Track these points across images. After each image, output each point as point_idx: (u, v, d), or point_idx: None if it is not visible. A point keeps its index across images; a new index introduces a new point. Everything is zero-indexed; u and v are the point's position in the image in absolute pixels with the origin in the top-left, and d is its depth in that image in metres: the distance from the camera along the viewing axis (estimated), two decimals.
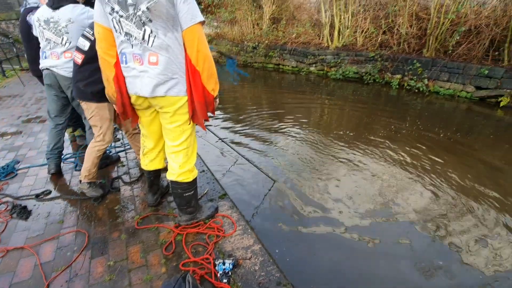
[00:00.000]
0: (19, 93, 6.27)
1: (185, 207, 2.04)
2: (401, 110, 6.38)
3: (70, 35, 2.33)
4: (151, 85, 1.59)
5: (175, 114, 1.71)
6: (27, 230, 2.13)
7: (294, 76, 10.37)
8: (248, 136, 4.83)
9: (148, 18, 1.45)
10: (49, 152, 2.78)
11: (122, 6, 1.45)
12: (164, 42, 1.50)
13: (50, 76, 2.47)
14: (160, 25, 1.47)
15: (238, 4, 12.90)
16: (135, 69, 1.59)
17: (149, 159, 2.10)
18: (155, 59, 1.53)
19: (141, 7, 1.43)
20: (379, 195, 3.16)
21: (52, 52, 2.40)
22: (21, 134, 3.95)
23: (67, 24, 2.29)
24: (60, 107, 2.69)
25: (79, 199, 2.46)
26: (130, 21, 1.47)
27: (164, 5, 1.42)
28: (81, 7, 2.35)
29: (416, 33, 8.22)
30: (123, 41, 1.55)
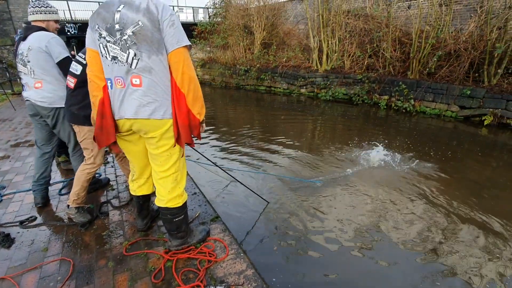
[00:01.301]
0: (9, 117, 6.21)
1: (175, 232, 1.97)
2: (390, 130, 6.54)
3: (32, 63, 2.28)
4: (134, 106, 1.57)
5: (161, 139, 1.67)
6: (9, 259, 2.03)
7: (285, 97, 10.61)
8: (240, 157, 4.83)
9: (133, 41, 1.49)
10: (35, 183, 2.60)
11: (110, 31, 1.51)
12: (148, 64, 1.52)
13: (30, 106, 2.43)
14: (145, 48, 1.50)
15: (230, 31, 13.40)
16: (119, 93, 1.59)
17: (138, 184, 2.06)
18: (138, 81, 1.55)
19: (127, 32, 1.48)
20: (372, 216, 3.15)
21: (26, 83, 2.39)
22: (9, 159, 3.86)
23: (27, 52, 2.26)
24: (46, 136, 2.59)
25: (66, 225, 2.38)
26: (117, 45, 1.51)
27: (149, 29, 1.48)
28: (42, 33, 2.28)
29: (400, 56, 8.62)
30: (109, 65, 1.57)
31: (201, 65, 14.85)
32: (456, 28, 8.00)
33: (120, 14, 1.49)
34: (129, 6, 1.50)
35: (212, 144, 5.59)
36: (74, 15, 16.33)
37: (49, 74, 2.35)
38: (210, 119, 7.59)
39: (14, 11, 13.01)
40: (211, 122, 7.30)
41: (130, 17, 1.48)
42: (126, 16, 1.49)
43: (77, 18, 16.44)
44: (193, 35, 15.22)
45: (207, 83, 14.54)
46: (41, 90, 2.37)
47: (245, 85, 12.69)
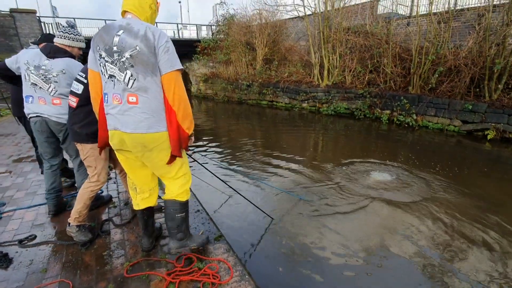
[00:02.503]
0: (12, 131, 6.24)
1: (176, 231, 2.07)
2: (393, 144, 6.51)
3: (58, 84, 2.40)
4: (133, 122, 1.70)
5: (161, 150, 1.80)
6: (6, 280, 1.96)
7: (287, 112, 10.67)
8: (244, 172, 4.79)
9: (131, 64, 1.63)
10: (47, 193, 2.71)
11: (108, 53, 1.65)
12: (143, 84, 1.66)
13: (41, 122, 2.47)
14: (141, 70, 1.64)
15: (233, 47, 13.68)
16: (115, 108, 1.71)
17: (141, 197, 2.07)
18: (135, 99, 1.68)
19: (125, 54, 1.63)
20: (377, 234, 3.07)
21: (39, 97, 2.43)
22: (10, 174, 3.84)
23: (58, 74, 2.37)
24: (54, 149, 2.65)
25: (66, 244, 2.32)
26: (114, 65, 1.65)
27: (146, 54, 1.62)
28: (76, 62, 2.46)
29: (401, 72, 8.73)
30: (107, 82, 1.70)
31: (203, 80, 15.07)
32: (456, 45, 8.13)
33: (119, 38, 1.64)
34: (128, 32, 1.64)
35: (214, 158, 5.56)
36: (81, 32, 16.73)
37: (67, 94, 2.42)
38: (212, 133, 7.61)
39: (21, 27, 13.36)
40: (213, 136, 7.30)
41: (129, 42, 1.62)
42: (125, 41, 1.63)
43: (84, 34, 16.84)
44: (196, 51, 15.53)
45: (210, 97, 14.70)
46: (59, 107, 2.44)
47: (247, 99, 12.81)
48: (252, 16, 13.73)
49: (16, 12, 13.42)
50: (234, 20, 14.75)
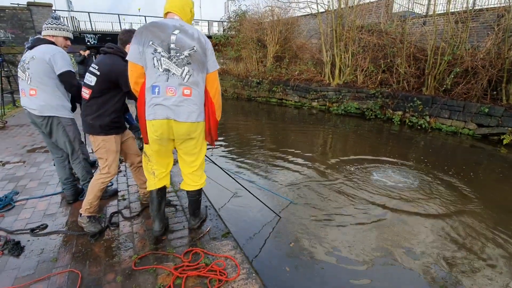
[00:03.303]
0: (26, 122, 6.36)
1: (198, 211, 2.42)
2: (405, 146, 6.38)
3: (31, 71, 2.33)
4: (186, 112, 1.91)
5: (199, 138, 2.06)
6: (17, 268, 2.00)
7: (297, 110, 10.58)
8: (252, 170, 4.77)
9: (188, 61, 1.87)
10: (63, 184, 2.78)
11: (165, 49, 1.83)
12: (197, 79, 1.91)
13: (28, 115, 2.47)
14: (196, 67, 1.89)
15: (244, 44, 13.62)
16: (169, 99, 1.87)
17: (158, 178, 2.21)
18: (189, 92, 1.90)
19: (184, 52, 1.85)
20: (385, 237, 3.01)
21: (22, 89, 2.43)
22: (24, 164, 3.92)
23: (29, 60, 2.34)
24: (51, 142, 2.63)
25: (76, 234, 2.35)
26: (170, 61, 1.84)
27: (200, 54, 1.90)
28: (50, 46, 2.37)
29: (415, 72, 8.53)
30: (160, 75, 1.85)
31: None
32: (473, 45, 7.89)
33: (176, 37, 1.83)
34: (185, 33, 1.86)
35: (223, 156, 5.56)
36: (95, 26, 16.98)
37: (45, 83, 2.38)
38: (220, 129, 7.61)
39: (37, 20, 13.60)
40: (222, 132, 7.31)
41: (188, 42, 1.85)
42: (184, 40, 1.84)
43: (97, 29, 17.08)
44: None
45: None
46: (34, 98, 2.39)
47: (256, 97, 12.77)
48: (264, 13, 13.65)
49: (33, 5, 13.68)
50: (246, 16, 14.68)
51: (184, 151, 2.10)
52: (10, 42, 12.82)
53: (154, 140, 1.99)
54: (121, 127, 2.37)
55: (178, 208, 2.80)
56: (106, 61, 2.17)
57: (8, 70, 8.20)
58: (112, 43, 2.32)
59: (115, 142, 2.32)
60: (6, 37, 13.10)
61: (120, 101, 2.29)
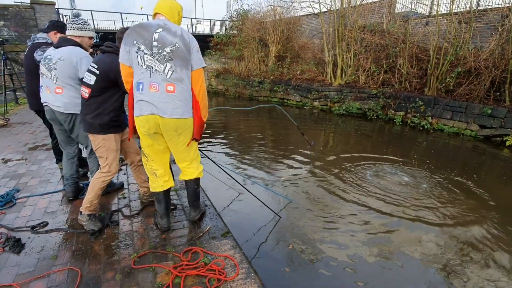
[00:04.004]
0: (29, 120, 6.40)
1: (197, 202, 2.45)
2: (407, 147, 6.36)
3: (58, 71, 2.39)
4: (170, 108, 1.91)
5: (187, 134, 2.07)
6: (18, 265, 2.01)
7: (298, 110, 10.56)
8: (252, 169, 4.77)
9: (170, 57, 1.88)
10: (66, 181, 2.82)
11: (148, 46, 1.87)
12: (180, 76, 1.92)
13: (49, 111, 2.53)
14: (179, 63, 1.90)
15: (246, 43, 13.60)
16: (152, 95, 1.89)
17: (163, 179, 2.27)
18: (172, 88, 1.91)
19: (166, 49, 1.87)
20: (387, 239, 3.01)
21: (47, 86, 2.48)
22: (26, 162, 3.94)
23: (57, 61, 2.39)
24: (67, 138, 2.72)
25: (76, 232, 2.36)
26: (152, 58, 1.87)
27: (183, 50, 1.90)
28: (78, 49, 2.43)
29: (417, 73, 8.49)
30: (143, 72, 1.89)
31: (215, 76, 15.07)
32: (476, 46, 7.84)
33: (158, 35, 1.87)
34: (167, 31, 1.89)
35: (223, 155, 5.56)
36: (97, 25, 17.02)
37: (71, 83, 2.45)
38: (221, 129, 7.61)
39: (40, 19, 13.65)
40: (223, 131, 7.31)
41: (169, 39, 1.88)
42: (165, 37, 1.87)
43: (99, 27, 17.12)
44: (209, 46, 15.53)
45: (221, 93, 14.71)
46: (60, 96, 2.45)
47: (258, 96, 12.75)
48: (266, 12, 13.60)
49: (36, 3, 13.72)
50: (248, 15, 14.65)
51: (174, 149, 2.14)
52: (14, 40, 12.88)
53: (144, 135, 2.06)
54: (120, 126, 2.38)
55: (178, 207, 2.80)
56: (105, 60, 2.18)
57: (11, 68, 8.21)
58: (114, 42, 2.32)
59: (115, 141, 2.33)
60: (10, 35, 13.16)
61: (119, 100, 2.29)
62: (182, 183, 3.30)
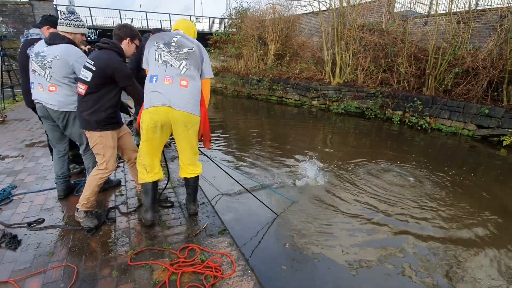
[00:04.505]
0: (26, 117, 6.37)
1: (196, 196, 2.61)
2: (405, 146, 6.38)
3: (53, 70, 2.34)
4: (183, 102, 2.07)
5: (194, 131, 2.21)
6: (14, 262, 2.01)
7: (297, 109, 10.57)
8: (250, 167, 4.78)
9: (186, 57, 2.14)
10: (57, 179, 2.80)
11: (167, 45, 2.13)
12: (193, 73, 2.15)
13: (42, 108, 2.48)
14: (192, 63, 2.16)
15: (245, 41, 13.57)
16: (166, 87, 2.06)
17: (153, 171, 2.34)
18: (186, 83, 2.10)
19: (183, 50, 2.14)
20: (386, 239, 3.02)
21: (38, 84, 2.43)
22: (22, 158, 3.92)
23: (52, 60, 2.33)
24: (59, 136, 2.68)
25: (73, 229, 2.36)
26: (169, 54, 2.11)
27: (197, 55, 2.19)
28: (73, 48, 2.40)
29: (415, 72, 8.51)
30: (159, 66, 2.10)
31: (214, 74, 15.01)
32: (475, 46, 7.86)
33: (177, 39, 2.17)
34: (186, 38, 2.21)
35: (221, 153, 5.56)
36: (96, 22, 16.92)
37: (65, 81, 2.41)
38: (220, 127, 7.60)
39: (38, 15, 13.55)
40: (221, 129, 7.30)
41: (187, 43, 2.18)
42: (184, 41, 2.17)
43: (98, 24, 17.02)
44: (208, 44, 15.49)
45: (219, 91, 14.68)
46: (54, 94, 2.41)
47: (256, 94, 12.74)
48: (266, 10, 13.58)
49: (34, 0, 13.62)
50: (247, 13, 14.62)
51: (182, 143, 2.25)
52: (12, 36, 12.80)
53: (149, 128, 2.12)
54: (117, 123, 2.37)
55: (176, 205, 2.80)
56: (102, 56, 2.16)
57: (9, 64, 8.16)
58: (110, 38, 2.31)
59: (112, 138, 2.32)
60: (8, 31, 13.08)
61: (116, 97, 2.28)
62: (179, 181, 3.30)
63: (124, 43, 2.30)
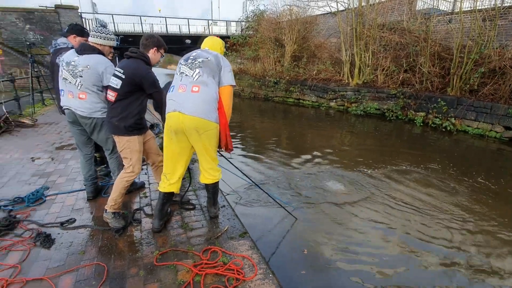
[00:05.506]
0: (55, 120, 6.72)
1: (217, 200, 2.67)
2: (429, 149, 6.17)
3: (83, 79, 2.48)
4: (193, 107, 2.13)
5: (209, 136, 2.23)
6: (49, 259, 2.13)
7: (314, 110, 10.48)
8: (269, 170, 4.79)
9: (200, 66, 2.23)
10: (85, 181, 2.95)
11: (185, 59, 2.30)
12: (205, 80, 2.20)
13: (71, 114, 2.64)
14: (206, 71, 2.22)
15: (262, 43, 13.62)
16: (179, 95, 2.18)
17: (169, 182, 2.37)
18: (197, 89, 2.17)
19: (198, 60, 2.25)
20: (406, 244, 2.94)
21: (69, 91, 2.58)
22: (53, 161, 4.14)
23: (83, 69, 2.48)
24: (85, 140, 2.82)
25: (102, 229, 2.48)
26: (186, 66, 2.26)
27: (213, 64, 2.25)
28: (103, 58, 2.54)
29: (439, 72, 8.21)
30: (177, 77, 2.28)
31: None
32: (501, 44, 7.49)
33: (196, 53, 2.32)
34: (205, 51, 2.34)
35: (240, 157, 5.62)
36: (117, 28, 17.57)
37: (94, 89, 2.55)
38: (237, 129, 7.67)
39: (64, 23, 14.23)
40: (238, 131, 7.37)
41: (204, 54, 2.29)
42: (201, 53, 2.30)
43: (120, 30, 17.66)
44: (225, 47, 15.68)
45: (236, 93, 14.80)
46: (84, 101, 2.56)
47: (273, 96, 12.76)
48: (282, 12, 13.58)
49: (60, 8, 14.35)
50: (264, 16, 14.67)
51: (196, 149, 2.32)
52: (39, 43, 13.53)
53: (166, 134, 2.27)
54: (143, 128, 2.47)
55: (197, 207, 2.87)
56: (131, 65, 2.27)
57: (38, 70, 8.64)
58: (134, 44, 2.43)
59: (138, 142, 2.42)
60: (36, 38, 13.83)
61: (143, 103, 2.38)
62: (200, 184, 3.37)
63: (151, 52, 2.40)
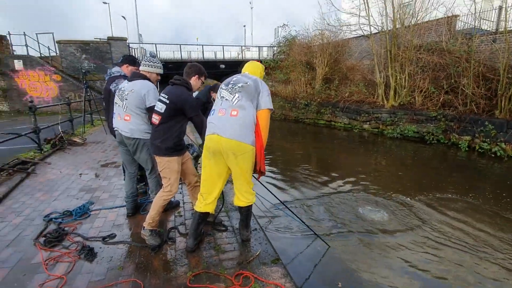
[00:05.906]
0: (101, 140, 7.31)
1: (249, 222, 2.67)
2: (476, 177, 5.65)
3: (128, 101, 2.70)
4: (231, 130, 2.22)
5: (245, 159, 2.27)
6: (91, 273, 2.24)
7: (346, 132, 10.24)
8: (300, 193, 4.69)
9: (240, 90, 2.33)
10: (126, 198, 3.13)
11: (226, 84, 2.43)
12: (244, 104, 2.29)
13: (119, 135, 2.88)
14: (245, 95, 2.32)
15: (293, 67, 13.89)
16: (219, 118, 2.29)
17: (205, 202, 2.43)
18: (236, 113, 2.26)
19: (238, 84, 2.36)
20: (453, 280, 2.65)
21: (118, 114, 2.83)
22: (98, 177, 4.46)
23: (128, 92, 2.72)
24: (130, 159, 3.03)
25: (139, 246, 2.57)
26: (226, 91, 2.37)
27: (252, 88, 2.34)
28: (147, 83, 2.74)
29: (485, 93, 7.68)
30: (217, 102, 2.41)
31: None
32: None
33: (236, 78, 2.44)
34: (244, 76, 2.47)
35: (271, 181, 5.59)
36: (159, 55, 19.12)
37: (137, 111, 2.76)
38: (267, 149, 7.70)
39: (114, 52, 15.91)
40: (269, 152, 7.38)
41: (243, 79, 2.40)
42: (241, 78, 2.42)
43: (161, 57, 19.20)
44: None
45: None
46: (128, 123, 2.78)
47: (304, 118, 12.74)
48: (314, 37, 13.85)
49: (112, 39, 16.09)
50: (296, 41, 15.06)
51: (233, 171, 2.37)
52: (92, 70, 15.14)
53: (204, 155, 2.37)
54: (182, 149, 2.59)
55: (229, 229, 2.87)
56: (174, 91, 2.45)
57: (90, 95, 9.60)
58: (174, 69, 2.64)
59: (177, 163, 2.54)
60: (89, 66, 15.54)
61: (183, 127, 2.53)
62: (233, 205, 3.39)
63: (193, 79, 2.59)
